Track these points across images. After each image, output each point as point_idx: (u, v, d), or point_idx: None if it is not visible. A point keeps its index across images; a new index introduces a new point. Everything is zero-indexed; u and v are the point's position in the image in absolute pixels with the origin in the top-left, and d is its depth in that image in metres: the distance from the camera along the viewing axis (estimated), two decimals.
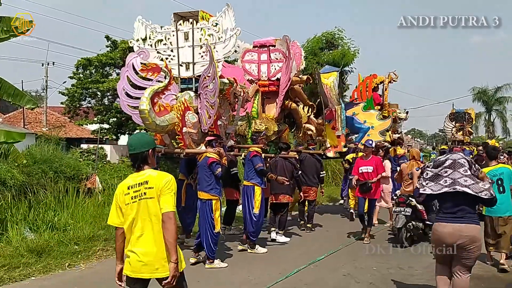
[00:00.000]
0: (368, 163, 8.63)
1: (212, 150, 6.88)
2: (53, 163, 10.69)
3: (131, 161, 3.67)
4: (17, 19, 7.41)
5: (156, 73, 7.21)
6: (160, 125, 6.83)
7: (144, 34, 8.03)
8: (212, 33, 7.59)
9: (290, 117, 9.90)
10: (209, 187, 6.79)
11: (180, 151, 7.26)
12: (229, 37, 7.45)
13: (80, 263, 6.88)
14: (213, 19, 7.64)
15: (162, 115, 6.93)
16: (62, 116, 28.46)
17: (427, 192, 4.82)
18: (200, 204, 6.92)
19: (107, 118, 21.08)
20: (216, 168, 6.74)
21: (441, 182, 4.76)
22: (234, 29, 7.44)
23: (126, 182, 3.56)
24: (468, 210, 4.68)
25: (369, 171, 8.52)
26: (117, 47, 20.49)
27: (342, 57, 22.47)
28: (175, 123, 7.02)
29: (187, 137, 7.10)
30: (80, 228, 8.15)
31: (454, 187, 4.64)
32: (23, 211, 8.26)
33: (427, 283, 6.09)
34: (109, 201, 9.93)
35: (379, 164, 8.75)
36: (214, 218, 6.78)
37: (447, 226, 4.70)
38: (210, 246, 6.79)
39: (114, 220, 3.55)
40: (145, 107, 6.60)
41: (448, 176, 4.75)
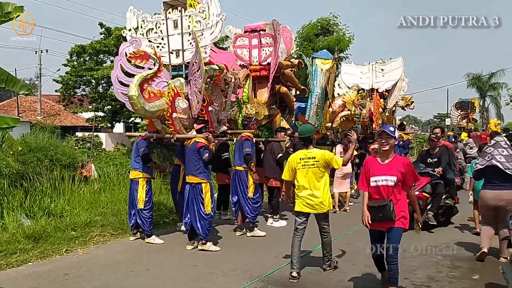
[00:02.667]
0: (388, 169, 4.88)
1: (201, 135, 7.00)
2: (48, 151, 10.67)
3: (302, 141, 5.91)
4: (9, 5, 7.34)
5: (145, 60, 7.31)
6: (149, 110, 6.89)
7: (135, 23, 8.12)
8: (199, 19, 7.64)
9: (282, 102, 9.88)
10: (198, 171, 6.93)
11: (171, 136, 7.33)
12: (215, 23, 7.52)
13: (78, 248, 6.91)
14: (200, 6, 7.69)
15: (152, 101, 6.98)
16: (57, 104, 28.28)
17: (478, 167, 6.48)
18: (189, 188, 7.00)
19: (101, 106, 20.95)
20: (204, 153, 6.88)
21: (486, 158, 6.39)
22: (219, 15, 7.51)
23: (298, 155, 5.77)
24: (506, 180, 6.15)
25: (390, 183, 4.84)
26: (111, 34, 20.31)
27: (337, 43, 22.45)
28: (165, 109, 7.05)
29: (177, 122, 7.15)
30: (76, 215, 8.18)
31: (491, 162, 6.23)
32: (19, 198, 8.25)
33: (419, 266, 6.16)
34: (105, 188, 9.97)
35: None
36: (205, 200, 6.88)
37: (489, 193, 6.33)
38: (204, 227, 6.89)
39: (286, 177, 5.90)
40: (133, 93, 6.67)
41: (490, 153, 6.36)
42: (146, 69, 7.34)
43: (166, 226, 8.52)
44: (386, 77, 14.40)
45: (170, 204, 9.45)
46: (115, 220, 8.12)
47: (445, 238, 7.76)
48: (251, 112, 8.52)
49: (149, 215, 7.48)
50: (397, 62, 14.72)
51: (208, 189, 6.97)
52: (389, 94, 14.57)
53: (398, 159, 4.95)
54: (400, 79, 14.48)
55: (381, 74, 14.44)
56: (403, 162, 4.91)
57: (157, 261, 6.37)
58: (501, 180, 6.17)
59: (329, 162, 5.65)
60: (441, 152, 8.52)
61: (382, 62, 14.70)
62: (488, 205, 6.36)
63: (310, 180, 5.65)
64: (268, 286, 5.36)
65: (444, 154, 8.50)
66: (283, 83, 9.55)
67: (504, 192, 6.17)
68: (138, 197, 7.37)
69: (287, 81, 9.60)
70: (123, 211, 8.51)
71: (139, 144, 7.55)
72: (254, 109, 8.58)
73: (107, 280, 5.55)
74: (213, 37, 7.62)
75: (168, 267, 6.14)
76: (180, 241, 7.43)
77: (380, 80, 14.37)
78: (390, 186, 4.82)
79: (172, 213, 9.11)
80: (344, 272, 5.86)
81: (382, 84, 14.30)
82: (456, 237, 7.86)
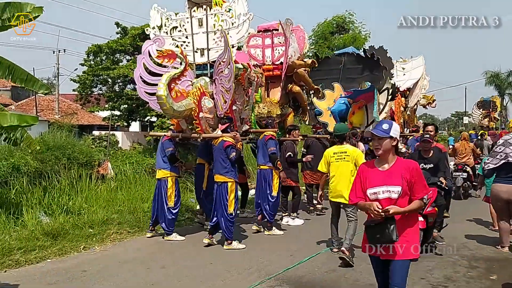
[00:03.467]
0: (389, 177, 3.66)
1: (228, 134, 7.00)
2: (66, 150, 10.84)
3: (337, 138, 6.67)
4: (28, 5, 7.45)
5: (172, 59, 7.31)
6: (177, 110, 6.90)
7: (159, 21, 8.15)
8: (225, 18, 7.65)
9: (295, 101, 9.86)
10: (225, 170, 6.96)
11: (197, 136, 7.32)
12: (242, 22, 7.53)
13: (95, 245, 7.00)
14: (226, 5, 7.70)
15: (179, 100, 6.99)
16: (74, 103, 28.69)
17: (491, 167, 6.94)
18: (216, 187, 7.03)
19: (118, 105, 21.20)
20: (231, 152, 6.89)
21: (497, 157, 6.83)
22: (246, 14, 7.51)
23: (332, 149, 6.63)
24: None
25: (393, 195, 3.61)
26: (127, 34, 20.53)
27: (353, 41, 22.34)
28: (192, 108, 7.08)
29: (204, 122, 7.16)
30: (94, 212, 8.28)
31: (507, 159, 6.68)
32: (38, 196, 8.39)
33: (436, 266, 6.13)
34: (122, 186, 10.08)
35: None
36: (228, 200, 6.91)
37: (502, 186, 6.77)
38: (228, 228, 6.94)
39: (323, 168, 6.70)
40: (162, 92, 6.65)
41: (501, 151, 6.81)
42: (170, 67, 7.35)
43: (182, 224, 8.58)
44: (407, 75, 14.48)
45: (186, 202, 9.53)
46: (132, 218, 8.20)
47: (462, 238, 7.69)
48: (263, 111, 8.52)
49: (176, 214, 7.56)
50: (418, 60, 14.78)
51: (233, 189, 7.00)
52: (411, 93, 14.54)
53: (401, 163, 3.69)
54: (421, 77, 14.50)
55: (402, 73, 14.50)
56: (409, 166, 3.64)
57: (173, 259, 6.42)
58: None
59: (357, 160, 6.38)
60: (438, 157, 6.96)
61: (403, 60, 14.77)
62: (500, 197, 6.80)
63: (341, 172, 6.42)
64: (283, 285, 5.37)
65: (442, 159, 7.02)
66: (296, 82, 9.52)
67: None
68: (168, 195, 7.43)
69: (300, 81, 9.57)
70: (139, 209, 8.60)
71: (165, 144, 7.57)
72: (266, 108, 8.58)
73: (124, 277, 5.61)
74: (239, 36, 7.65)
75: (184, 264, 6.18)
76: (196, 239, 7.49)
77: (401, 79, 14.40)
78: (394, 199, 3.58)
79: (187, 211, 9.17)
80: (360, 272, 5.83)
81: (403, 82, 14.34)
82: (473, 237, 7.78)
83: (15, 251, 6.23)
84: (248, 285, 5.30)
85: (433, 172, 6.77)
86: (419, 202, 3.62)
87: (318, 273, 5.81)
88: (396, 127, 3.69)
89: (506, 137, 6.96)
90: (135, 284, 5.39)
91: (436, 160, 6.87)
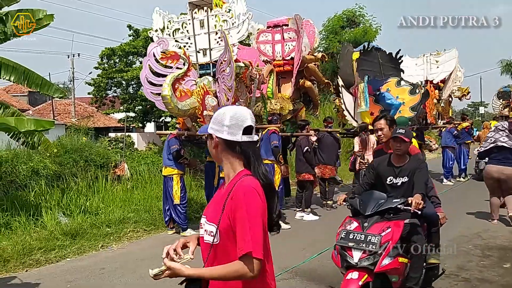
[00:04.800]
0: None
1: None
2: (83, 152, 11.04)
3: None
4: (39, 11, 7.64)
5: (175, 60, 7.53)
6: (182, 109, 7.08)
7: (162, 24, 8.31)
8: (226, 19, 7.79)
9: (307, 96, 9.93)
10: None
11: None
12: (242, 21, 7.67)
13: (112, 244, 7.18)
14: (226, 6, 7.84)
15: (183, 100, 7.18)
16: (90, 106, 29.08)
17: (481, 150, 8.21)
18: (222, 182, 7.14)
19: (132, 107, 21.40)
20: None
21: (488, 141, 7.90)
22: (246, 13, 7.66)
23: None
24: (507, 158, 7.58)
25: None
26: (139, 36, 20.72)
27: (363, 35, 22.24)
28: (196, 107, 7.23)
29: (208, 120, 7.29)
30: (111, 212, 8.46)
31: (496, 143, 7.65)
32: (56, 198, 8.60)
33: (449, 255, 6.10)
34: (138, 186, 10.26)
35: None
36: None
37: (493, 167, 7.81)
38: None
39: None
40: (167, 92, 6.84)
41: (492, 137, 7.83)
42: (174, 68, 7.53)
43: (196, 221, 8.71)
44: (441, 68, 14.65)
45: (200, 200, 9.66)
46: (148, 217, 8.36)
47: (476, 228, 7.70)
48: (276, 107, 8.61)
49: (185, 210, 7.75)
50: (451, 53, 14.91)
51: None
52: (444, 85, 14.72)
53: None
54: (455, 69, 14.69)
55: (436, 66, 14.67)
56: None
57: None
58: (504, 157, 7.63)
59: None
60: (414, 166, 4.36)
61: (437, 53, 14.91)
62: (491, 176, 7.83)
63: None
64: (296, 278, 5.46)
65: (420, 170, 4.33)
66: (307, 77, 9.59)
67: (506, 167, 7.61)
68: (173, 193, 7.62)
69: (311, 75, 9.64)
70: (155, 207, 8.76)
71: (170, 142, 7.75)
72: (278, 104, 8.67)
73: (141, 273, 5.75)
74: (240, 35, 7.79)
75: (199, 260, 6.30)
76: None
77: (434, 71, 14.63)
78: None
79: (202, 208, 9.29)
80: None
81: (437, 75, 14.56)
82: (488, 226, 7.78)
83: (36, 251, 6.42)
84: None
85: (406, 191, 4.29)
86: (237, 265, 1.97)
87: (331, 266, 5.83)
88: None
89: (497, 124, 8.14)
90: (151, 280, 5.52)
91: (411, 170, 4.34)
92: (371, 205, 4.13)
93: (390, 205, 4.07)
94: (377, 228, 3.95)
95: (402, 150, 4.36)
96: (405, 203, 4.03)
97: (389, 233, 3.89)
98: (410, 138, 4.38)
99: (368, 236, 3.87)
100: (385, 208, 4.07)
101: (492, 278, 5.33)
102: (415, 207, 3.92)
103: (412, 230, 4.11)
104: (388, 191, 4.35)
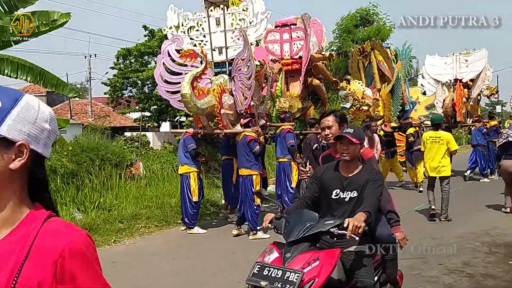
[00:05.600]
0: None
1: (250, 129, 7.26)
2: (99, 151, 11.29)
3: (433, 126, 8.37)
4: (55, 13, 7.86)
5: (193, 58, 7.53)
6: (200, 107, 7.16)
7: (176, 21, 8.40)
8: (243, 17, 7.86)
9: (315, 94, 10.02)
10: (250, 163, 7.25)
11: (220, 132, 7.59)
12: (260, 20, 7.75)
13: (125, 239, 7.38)
14: (244, 4, 7.92)
15: (201, 98, 7.26)
16: (106, 106, 29.51)
17: (499, 144, 8.75)
18: (242, 180, 7.31)
19: (148, 106, 21.71)
20: (254, 146, 7.18)
21: (502, 137, 8.55)
22: (264, 12, 7.72)
23: (429, 134, 8.31)
24: None
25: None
26: (155, 36, 21.01)
27: (377, 33, 22.22)
28: (214, 105, 7.34)
29: (225, 118, 7.43)
30: (124, 208, 8.69)
31: (508, 139, 8.27)
32: (71, 194, 8.85)
33: (455, 252, 6.17)
34: (151, 183, 10.48)
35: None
36: (254, 192, 7.15)
37: (508, 162, 8.26)
38: (253, 219, 7.22)
39: (422, 148, 8.32)
40: (187, 91, 6.91)
41: (505, 133, 8.48)
42: (189, 66, 7.61)
43: (207, 218, 8.88)
44: (470, 67, 15.04)
45: (211, 198, 9.85)
46: (160, 213, 8.54)
47: (485, 225, 7.70)
48: (285, 105, 8.71)
49: (198, 207, 7.85)
50: (481, 53, 15.26)
51: (258, 181, 7.29)
52: (473, 84, 14.99)
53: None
54: (484, 69, 14.94)
55: (465, 65, 15.08)
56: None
57: (198, 250, 6.72)
58: None
59: (449, 142, 8.03)
60: (366, 177, 3.37)
61: (467, 52, 15.30)
62: (507, 171, 8.33)
63: (436, 153, 7.97)
64: None
65: (374, 182, 3.33)
66: (315, 75, 9.68)
67: None
68: (191, 190, 7.70)
69: (319, 74, 9.72)
70: (166, 204, 8.95)
71: (186, 140, 7.83)
72: (287, 102, 8.77)
73: (152, 266, 5.94)
74: (257, 34, 7.91)
75: (208, 255, 6.47)
76: (220, 231, 7.81)
77: (464, 70, 15.07)
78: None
79: (213, 206, 9.47)
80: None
81: (466, 74, 14.96)
82: (496, 224, 7.77)
83: None
84: None
85: (356, 207, 3.27)
86: None
87: None
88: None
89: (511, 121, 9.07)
90: (161, 273, 5.70)
91: (361, 183, 3.36)
92: (298, 229, 3.17)
93: (321, 228, 3.12)
94: (301, 261, 2.97)
95: (350, 155, 3.35)
96: (340, 226, 3.04)
97: (316, 268, 2.89)
98: (360, 139, 3.38)
99: (287, 272, 2.88)
100: (313, 233, 3.12)
101: (497, 274, 5.36)
102: (352, 231, 2.88)
103: (356, 262, 3.16)
104: (332, 208, 3.39)
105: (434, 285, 5.01)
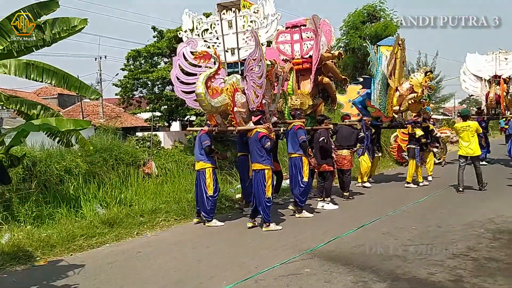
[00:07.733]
0: None
1: (262, 126, 7.65)
2: (112, 151, 11.65)
3: (462, 118, 10.84)
4: (75, 19, 8.24)
5: (207, 59, 7.89)
6: (214, 106, 7.52)
7: (191, 25, 8.79)
8: (254, 19, 8.23)
9: (325, 92, 10.38)
10: (262, 158, 7.62)
11: (233, 129, 7.97)
12: (271, 22, 8.10)
13: (147, 231, 7.79)
14: (255, 6, 8.28)
15: (215, 97, 7.62)
16: (117, 106, 29.98)
17: None
18: (254, 174, 7.70)
19: (158, 106, 22.05)
20: (265, 142, 7.55)
21: None
22: (275, 14, 8.09)
23: (460, 124, 10.64)
24: None
25: None
26: (163, 37, 21.37)
27: (384, 29, 22.39)
28: (227, 104, 7.71)
29: (238, 115, 7.80)
30: (143, 203, 9.09)
31: None
32: (93, 191, 9.27)
33: (460, 238, 6.53)
34: (167, 181, 10.89)
35: None
36: (266, 186, 7.56)
37: None
38: (265, 211, 7.60)
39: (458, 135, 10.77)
40: (201, 90, 7.27)
41: None
42: (203, 66, 7.97)
43: (222, 212, 9.26)
44: (509, 65, 16.43)
45: (226, 192, 10.25)
46: (177, 207, 8.93)
47: (491, 213, 8.04)
48: (296, 103, 9.07)
49: (215, 201, 8.21)
50: None
51: (270, 175, 7.66)
52: (510, 80, 16.23)
53: None
54: None
55: (505, 62, 16.47)
56: None
57: (216, 240, 7.11)
58: None
59: (477, 129, 10.38)
60: None
61: (505, 51, 16.74)
62: None
63: (467, 138, 10.37)
64: (315, 258, 5.93)
65: None
66: (325, 74, 10.02)
67: None
68: (207, 185, 8.07)
69: (328, 72, 10.06)
70: (183, 199, 9.36)
71: (202, 137, 8.20)
72: (299, 100, 9.13)
73: (174, 255, 6.34)
74: (268, 35, 8.26)
75: (226, 244, 6.87)
76: (236, 223, 8.21)
77: (503, 67, 16.46)
78: None
79: (227, 200, 9.86)
80: (387, 245, 6.34)
81: (506, 71, 16.33)
82: (502, 212, 8.10)
83: (78, 237, 7.06)
84: (283, 259, 5.90)
85: None
86: None
87: (347, 248, 6.35)
88: None
89: None
90: (184, 260, 6.10)
91: None
92: None
93: None
94: None
95: None
96: None
97: None
98: None
99: None
100: None
101: (499, 257, 5.70)
102: None
103: None
104: None
105: (439, 268, 5.36)
